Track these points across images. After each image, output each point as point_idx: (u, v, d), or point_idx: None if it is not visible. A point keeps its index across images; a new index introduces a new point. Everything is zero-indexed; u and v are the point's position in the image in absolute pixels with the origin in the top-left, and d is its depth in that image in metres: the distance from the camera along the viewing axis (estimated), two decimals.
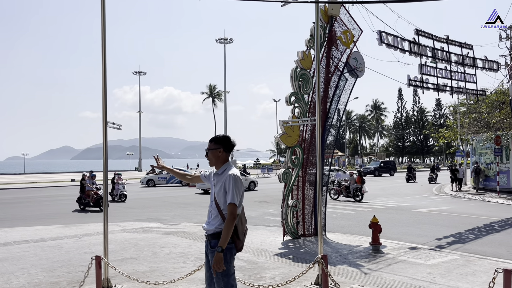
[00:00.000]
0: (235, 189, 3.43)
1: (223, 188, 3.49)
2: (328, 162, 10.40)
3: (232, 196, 3.41)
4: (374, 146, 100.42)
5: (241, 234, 3.51)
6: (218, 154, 3.62)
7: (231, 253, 3.47)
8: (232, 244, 3.47)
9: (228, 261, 3.42)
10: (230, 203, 3.40)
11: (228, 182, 3.46)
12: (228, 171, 3.56)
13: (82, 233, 10.15)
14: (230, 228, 3.36)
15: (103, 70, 5.94)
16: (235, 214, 3.39)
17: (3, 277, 6.33)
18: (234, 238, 3.45)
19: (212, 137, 3.73)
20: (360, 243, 8.69)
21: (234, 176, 3.48)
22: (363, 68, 9.93)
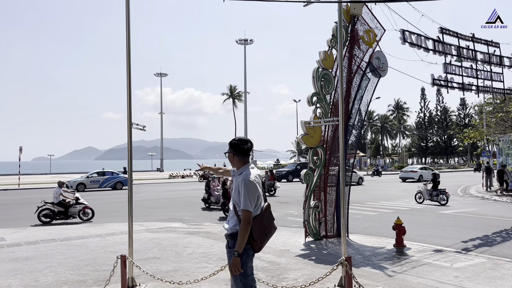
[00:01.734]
0: (247, 194, 3.41)
1: (237, 191, 3.50)
2: (350, 163, 10.31)
3: (244, 202, 3.40)
4: (396, 147, 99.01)
5: (258, 235, 3.48)
6: (231, 158, 3.67)
7: (247, 253, 3.46)
8: (248, 245, 3.47)
9: (243, 262, 3.43)
10: (243, 210, 3.40)
11: (241, 186, 3.46)
12: (243, 174, 3.53)
13: (107, 233, 10.33)
14: (245, 234, 3.37)
15: (127, 73, 6.03)
16: (248, 220, 3.39)
17: (31, 275, 6.50)
18: (250, 240, 3.45)
19: (231, 140, 3.77)
20: (383, 245, 8.57)
21: (246, 181, 3.45)
22: (386, 68, 9.81)
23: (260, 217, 3.52)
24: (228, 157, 3.70)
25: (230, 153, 3.66)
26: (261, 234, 3.51)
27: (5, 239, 9.65)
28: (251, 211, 3.41)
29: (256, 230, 3.47)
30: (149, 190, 28.24)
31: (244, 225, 3.38)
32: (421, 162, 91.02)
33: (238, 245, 3.37)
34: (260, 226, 3.50)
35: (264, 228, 3.55)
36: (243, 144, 3.64)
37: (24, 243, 9.15)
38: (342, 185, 6.09)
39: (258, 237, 3.48)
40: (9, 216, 14.97)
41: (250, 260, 3.52)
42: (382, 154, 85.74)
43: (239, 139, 3.68)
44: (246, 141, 3.68)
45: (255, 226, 3.46)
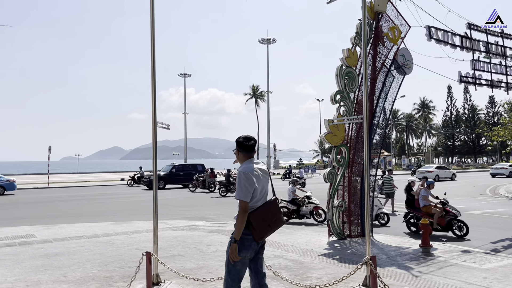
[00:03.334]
0: (240, 185, 3.67)
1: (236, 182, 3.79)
2: (374, 162, 10.17)
3: (238, 192, 3.68)
4: (421, 146, 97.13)
5: (259, 225, 3.68)
6: (236, 154, 3.99)
7: (242, 242, 3.66)
8: (249, 236, 3.68)
9: (237, 249, 3.65)
10: (237, 199, 3.68)
11: (238, 178, 3.74)
12: (242, 167, 3.82)
13: (132, 230, 10.52)
14: (241, 222, 3.63)
15: (152, 73, 6.12)
16: (244, 208, 3.64)
17: (60, 270, 6.67)
18: (251, 229, 3.67)
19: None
20: (409, 245, 8.43)
21: (240, 173, 3.73)
22: (411, 65, 9.64)
23: (263, 207, 3.77)
24: (235, 153, 4.01)
25: (236, 149, 3.98)
26: (262, 224, 3.71)
27: (35, 235, 9.94)
28: (245, 201, 3.65)
29: (257, 220, 3.69)
30: (174, 188, 28.57)
31: (240, 213, 3.65)
32: (448, 161, 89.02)
33: (235, 232, 3.64)
34: (262, 216, 3.73)
35: (267, 219, 3.76)
36: (247, 141, 3.94)
37: (53, 239, 9.40)
38: (366, 184, 6.02)
39: (258, 227, 3.69)
40: (39, 214, 15.41)
41: (246, 250, 3.69)
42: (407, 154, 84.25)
43: (243, 137, 3.97)
44: (250, 138, 3.97)
45: (257, 216, 3.70)
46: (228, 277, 3.73)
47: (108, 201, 20.08)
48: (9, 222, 12.58)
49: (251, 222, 3.67)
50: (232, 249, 3.64)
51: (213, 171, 26.83)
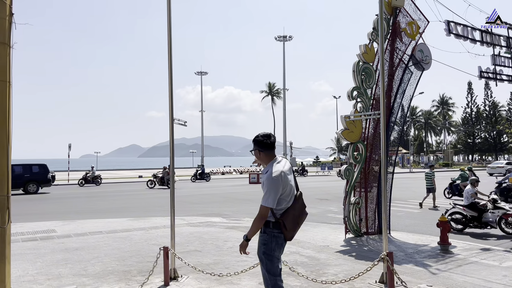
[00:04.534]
0: (269, 191, 3.51)
1: (263, 185, 3.64)
2: (392, 160, 10.07)
3: (265, 198, 3.52)
4: (441, 143, 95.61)
5: (290, 225, 3.62)
6: (258, 155, 3.76)
7: (276, 241, 3.61)
8: (281, 234, 3.61)
9: (272, 248, 3.61)
10: (261, 205, 3.55)
11: (265, 183, 3.58)
12: (268, 171, 3.60)
13: (150, 226, 10.65)
14: (257, 227, 3.56)
15: (169, 71, 6.18)
16: (264, 215, 3.53)
17: (80, 264, 6.81)
18: (282, 229, 3.60)
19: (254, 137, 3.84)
20: (427, 242, 8.33)
21: (269, 178, 3.53)
22: (429, 61, 9.50)
23: (292, 207, 3.66)
24: (255, 153, 3.79)
25: (255, 150, 3.76)
26: (294, 224, 3.66)
27: (56, 230, 10.16)
28: (269, 207, 3.52)
29: (289, 221, 3.60)
30: (190, 186, 28.81)
31: (258, 218, 3.55)
32: (468, 159, 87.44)
33: (249, 232, 3.59)
34: (292, 217, 3.64)
35: (296, 218, 3.70)
36: (267, 139, 3.72)
37: (74, 234, 9.60)
38: (383, 181, 5.97)
39: (290, 227, 3.62)
40: (59, 210, 15.73)
41: (279, 249, 3.66)
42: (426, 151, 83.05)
43: (262, 135, 3.76)
44: (269, 135, 3.76)
45: (288, 218, 3.60)
46: (269, 274, 3.66)
47: (126, 198, 20.36)
48: (31, 218, 12.88)
49: (284, 224, 3.59)
50: (243, 246, 3.68)
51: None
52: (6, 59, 4.90)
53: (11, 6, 5.04)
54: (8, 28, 4.95)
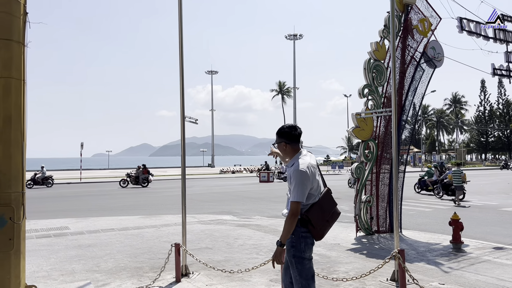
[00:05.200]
0: (299, 185, 3.29)
1: (290, 180, 3.41)
2: (403, 159, 10.00)
3: (295, 193, 3.29)
4: (453, 142, 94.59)
5: (318, 223, 3.37)
6: (284, 148, 3.54)
7: (305, 241, 3.37)
8: (308, 233, 3.37)
9: (301, 250, 3.36)
10: (291, 201, 3.30)
11: (293, 177, 3.35)
12: (295, 164, 3.40)
13: (161, 224, 10.74)
14: (290, 225, 3.28)
15: (180, 69, 6.23)
16: (296, 212, 3.28)
17: (93, 260, 6.90)
18: (310, 227, 3.36)
19: (278, 129, 3.60)
20: (439, 241, 8.27)
21: (298, 171, 3.32)
22: (441, 58, 9.42)
23: (319, 203, 3.41)
24: (279, 147, 3.57)
25: (282, 142, 3.53)
26: (321, 221, 3.39)
27: (69, 227, 10.30)
28: (300, 201, 3.29)
29: (316, 218, 3.36)
30: (201, 184, 28.93)
31: (290, 216, 3.29)
32: (481, 158, 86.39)
33: (282, 235, 3.31)
34: (320, 213, 3.39)
35: (325, 215, 3.43)
36: (293, 130, 3.53)
37: (86, 231, 9.72)
38: (395, 179, 5.94)
39: (318, 225, 3.37)
40: (72, 207, 15.92)
41: (309, 249, 3.42)
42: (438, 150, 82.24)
43: (288, 126, 3.56)
44: (295, 127, 3.57)
45: (314, 214, 3.36)
46: (301, 278, 3.39)
47: (138, 196, 20.52)
48: (44, 215, 13.06)
49: (310, 221, 3.34)
50: (277, 252, 3.32)
51: (145, 167, 27.90)
52: (21, 58, 4.97)
53: (25, 5, 5.12)
54: (22, 27, 5.03)
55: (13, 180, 4.77)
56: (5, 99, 4.78)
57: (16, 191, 4.80)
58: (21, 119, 4.90)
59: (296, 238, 3.36)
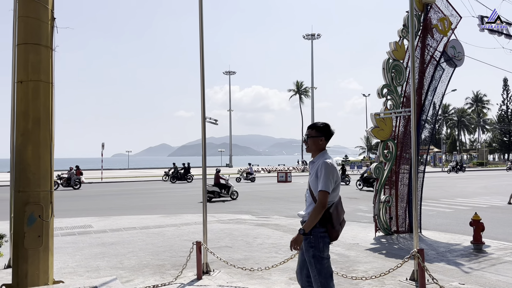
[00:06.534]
0: (327, 175, 3.36)
1: (315, 175, 3.47)
2: (423, 159, 9.93)
3: (324, 183, 3.35)
4: (475, 142, 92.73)
5: (336, 223, 3.45)
6: (319, 143, 3.59)
7: (323, 241, 3.43)
8: (326, 233, 3.44)
9: (320, 249, 3.41)
10: (320, 190, 3.36)
11: (320, 169, 3.42)
12: (323, 158, 3.52)
13: (181, 223, 10.91)
14: (317, 215, 3.34)
15: (201, 71, 6.35)
16: (325, 202, 3.33)
17: (117, 258, 7.09)
18: (328, 227, 3.42)
19: (312, 124, 3.68)
20: (459, 241, 8.21)
21: (327, 163, 3.42)
22: (462, 57, 9.33)
23: (336, 205, 3.50)
24: (314, 141, 3.58)
25: (319, 137, 3.57)
26: (338, 222, 3.48)
27: (92, 226, 10.57)
28: (327, 192, 3.35)
29: (334, 218, 3.43)
30: None
31: (318, 206, 3.34)
32: (504, 158, 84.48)
33: (307, 224, 3.37)
34: (337, 214, 3.48)
35: (340, 217, 3.53)
36: (331, 128, 3.63)
37: (109, 230, 9.95)
38: (414, 179, 5.95)
39: (335, 225, 3.45)
40: (94, 206, 16.28)
41: (327, 248, 3.48)
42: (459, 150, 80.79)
43: (325, 123, 3.63)
44: (331, 125, 3.66)
45: (333, 214, 3.43)
46: (320, 277, 3.43)
47: (158, 195, 20.83)
48: (68, 214, 13.40)
49: (332, 219, 3.41)
50: (298, 240, 3.40)
51: (78, 168, 27.64)
52: (49, 62, 5.17)
53: (53, 11, 5.32)
54: (50, 32, 5.23)
55: (42, 179, 4.98)
56: (34, 101, 4.99)
57: (44, 190, 5.00)
58: (49, 120, 5.10)
59: (315, 238, 3.43)
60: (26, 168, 4.89)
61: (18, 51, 5.08)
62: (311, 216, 3.37)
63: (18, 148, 4.96)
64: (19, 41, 5.05)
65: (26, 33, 5.00)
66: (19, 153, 4.94)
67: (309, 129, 3.65)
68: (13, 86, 6.37)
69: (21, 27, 5.04)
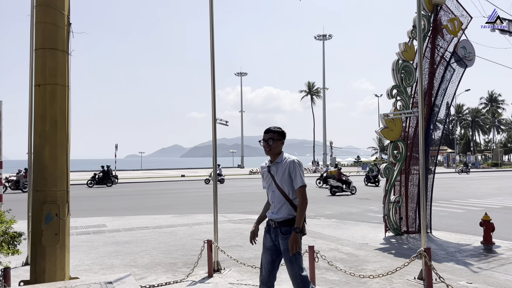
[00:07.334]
0: (301, 171, 3.60)
1: (287, 175, 3.62)
2: (435, 159, 9.91)
3: (301, 178, 3.58)
4: (489, 142, 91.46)
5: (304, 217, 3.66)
6: (280, 145, 3.77)
7: (300, 237, 3.58)
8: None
9: (300, 246, 3.53)
10: (301, 186, 3.56)
11: (293, 167, 3.60)
12: (289, 158, 3.70)
13: (193, 222, 11.08)
14: (305, 211, 3.55)
15: (212, 72, 6.49)
16: (306, 195, 3.57)
17: (130, 256, 7.27)
18: (303, 223, 3.61)
19: (271, 129, 3.77)
20: (469, 242, 8.21)
21: (296, 161, 3.64)
22: (473, 57, 9.32)
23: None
24: (277, 144, 3.71)
25: (281, 140, 3.73)
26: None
27: (106, 225, 10.79)
28: (305, 185, 3.59)
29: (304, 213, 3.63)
30: (231, 185, 29.31)
31: (305, 202, 3.55)
32: None
33: (297, 221, 3.51)
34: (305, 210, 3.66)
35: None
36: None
37: (123, 229, 10.16)
38: (422, 180, 6.00)
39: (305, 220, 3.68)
40: (108, 206, 16.55)
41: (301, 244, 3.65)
42: (473, 151, 79.79)
43: (281, 128, 3.81)
44: None
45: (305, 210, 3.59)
46: (301, 272, 3.55)
47: (170, 196, 21.07)
48: (83, 213, 13.68)
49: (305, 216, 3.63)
50: (296, 238, 3.47)
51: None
52: (65, 66, 5.35)
53: (69, 16, 5.50)
54: (66, 37, 5.41)
55: (59, 179, 5.15)
56: (51, 104, 5.17)
57: (61, 189, 5.18)
58: (65, 122, 5.28)
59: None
60: (44, 169, 5.06)
61: (36, 56, 5.27)
62: (300, 213, 3.53)
63: (36, 150, 5.14)
64: (37, 46, 5.23)
65: (43, 38, 5.18)
66: (37, 154, 5.12)
67: (270, 133, 3.73)
68: (31, 89, 6.60)
69: (39, 32, 5.23)
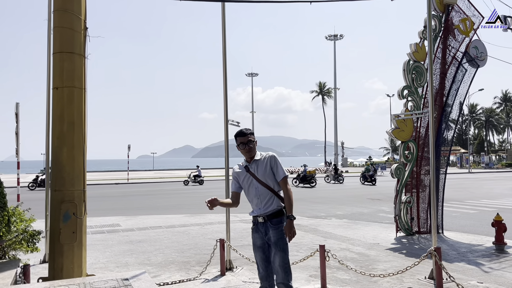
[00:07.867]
0: (280, 164, 3.83)
1: (269, 170, 3.80)
2: (447, 160, 9.89)
3: (283, 170, 3.80)
4: (504, 142, 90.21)
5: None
6: (255, 145, 3.93)
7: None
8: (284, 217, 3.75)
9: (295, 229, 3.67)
10: (284, 177, 3.78)
11: (274, 161, 3.83)
12: (267, 154, 3.92)
13: (205, 222, 11.21)
14: (292, 199, 3.71)
15: (224, 73, 6.61)
16: (288, 185, 3.79)
17: (144, 255, 7.42)
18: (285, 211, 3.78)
19: (245, 131, 3.89)
20: (481, 242, 8.19)
21: (274, 155, 3.90)
22: (485, 57, 9.29)
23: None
24: (254, 145, 3.91)
25: (255, 140, 3.92)
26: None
27: (120, 225, 10.98)
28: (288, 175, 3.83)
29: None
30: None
31: (289, 190, 3.74)
32: None
33: (290, 209, 3.67)
34: None
35: None
36: None
37: (136, 228, 10.34)
38: (432, 180, 6.03)
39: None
40: (122, 206, 16.79)
41: None
42: (487, 151, 78.78)
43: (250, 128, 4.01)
44: None
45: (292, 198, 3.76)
46: (287, 256, 3.70)
47: (182, 196, 21.26)
48: (97, 213, 13.90)
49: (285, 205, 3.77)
50: (292, 225, 3.59)
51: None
52: (82, 69, 5.51)
53: (85, 21, 5.66)
54: (83, 41, 5.57)
55: (76, 179, 5.32)
56: (69, 106, 5.33)
57: (78, 189, 5.34)
58: (82, 124, 5.43)
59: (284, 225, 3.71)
60: (62, 169, 5.22)
61: (54, 59, 5.43)
62: (289, 202, 3.69)
63: (54, 150, 5.31)
64: (55, 50, 5.40)
65: (61, 43, 5.34)
66: (55, 154, 5.29)
67: (247, 135, 3.86)
68: (49, 92, 6.78)
69: (56, 37, 5.39)
